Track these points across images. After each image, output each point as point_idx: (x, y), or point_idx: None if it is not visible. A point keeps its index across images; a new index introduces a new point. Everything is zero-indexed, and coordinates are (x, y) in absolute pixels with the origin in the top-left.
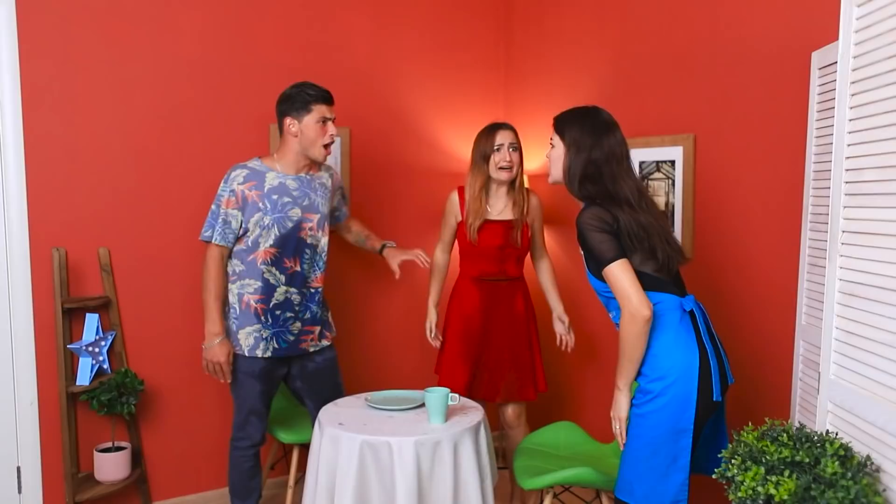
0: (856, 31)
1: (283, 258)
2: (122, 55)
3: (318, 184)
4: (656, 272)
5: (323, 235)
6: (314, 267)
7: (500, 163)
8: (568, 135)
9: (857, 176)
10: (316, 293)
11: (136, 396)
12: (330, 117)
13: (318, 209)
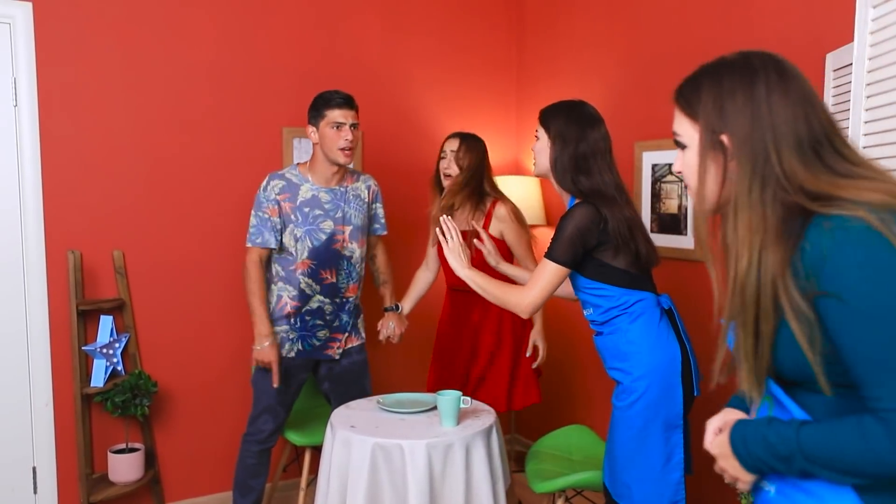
0: (871, 33)
1: (319, 270)
2: (136, 60)
3: (352, 195)
4: (638, 270)
5: (358, 247)
6: (349, 278)
7: (445, 170)
8: (553, 127)
9: None
10: (347, 302)
11: (149, 398)
12: (344, 122)
13: (352, 221)
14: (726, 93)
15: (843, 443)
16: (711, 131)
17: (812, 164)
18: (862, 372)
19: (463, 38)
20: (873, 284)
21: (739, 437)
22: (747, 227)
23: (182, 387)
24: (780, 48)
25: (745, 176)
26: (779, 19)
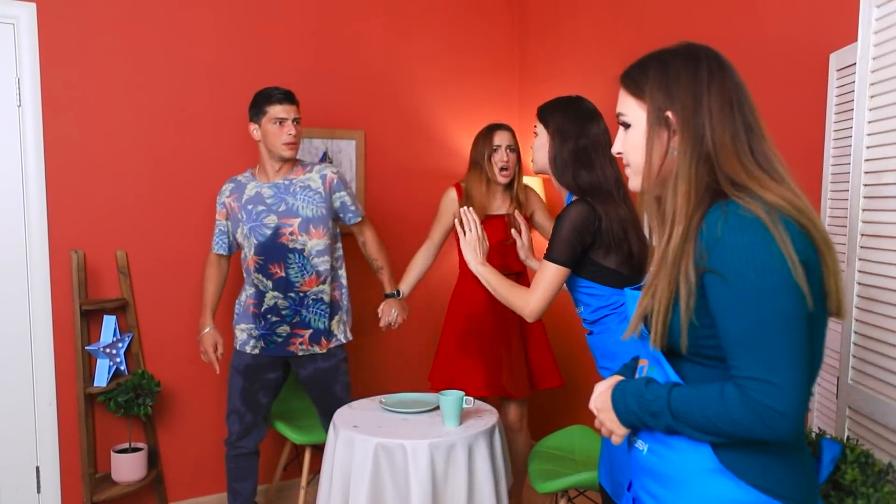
0: (875, 32)
1: (267, 265)
2: (140, 61)
3: (299, 187)
4: (630, 270)
5: (311, 238)
6: (303, 271)
7: (499, 163)
8: (552, 123)
9: (876, 179)
10: (306, 297)
11: (152, 398)
12: (286, 117)
13: (299, 213)
14: (672, 75)
15: (705, 404)
16: (658, 108)
17: (741, 148)
18: (729, 343)
19: (465, 39)
20: (751, 270)
21: (619, 393)
22: (685, 196)
23: (185, 386)
24: (783, 48)
25: (686, 150)
26: (782, 19)
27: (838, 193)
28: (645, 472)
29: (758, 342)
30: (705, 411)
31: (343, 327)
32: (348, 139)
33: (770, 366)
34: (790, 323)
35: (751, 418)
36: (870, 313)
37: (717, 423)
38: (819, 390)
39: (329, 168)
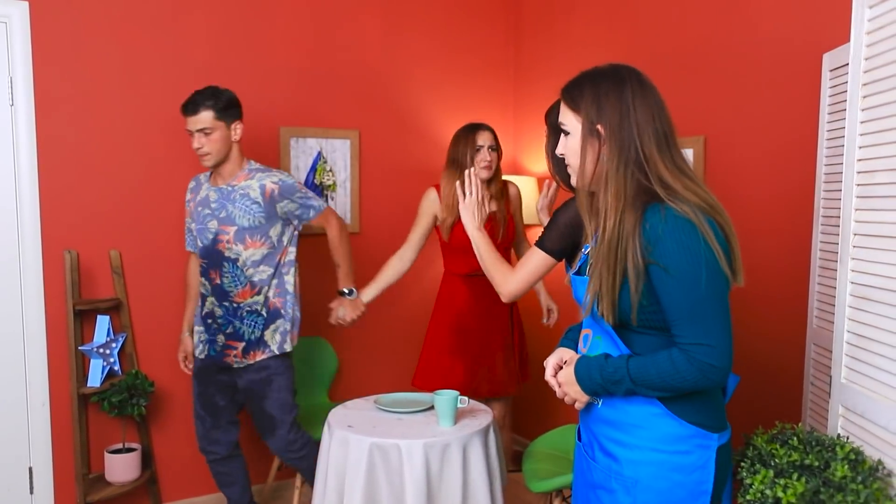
0: (867, 33)
1: (208, 269)
2: (132, 60)
3: (238, 195)
4: None
5: (246, 248)
6: (236, 281)
7: (482, 163)
8: (550, 121)
9: (868, 178)
10: (240, 308)
11: (146, 398)
12: (190, 129)
13: (236, 222)
14: (602, 94)
15: (659, 368)
16: (591, 122)
17: (665, 154)
18: (673, 318)
19: (460, 39)
20: (687, 262)
21: (584, 369)
22: (614, 195)
23: (179, 386)
24: (777, 48)
25: (613, 157)
26: (776, 20)
27: (831, 193)
28: (602, 421)
29: (696, 316)
30: (660, 374)
31: (281, 337)
32: (343, 139)
33: (706, 333)
34: (719, 299)
35: (695, 374)
36: (862, 312)
37: (670, 382)
38: (812, 389)
39: (271, 177)
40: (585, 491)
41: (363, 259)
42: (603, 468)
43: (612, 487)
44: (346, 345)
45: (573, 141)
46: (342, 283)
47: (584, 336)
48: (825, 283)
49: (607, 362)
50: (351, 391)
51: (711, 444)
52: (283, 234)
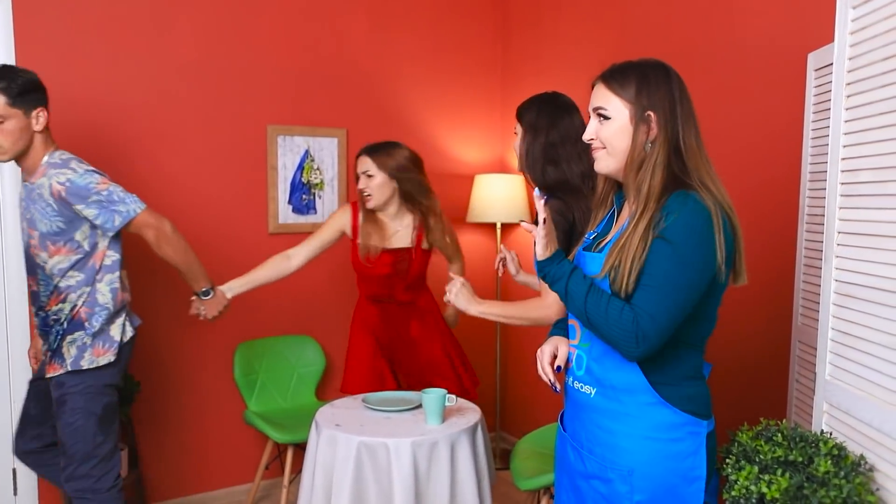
0: (851, 33)
1: (28, 275)
2: (118, 59)
3: (36, 194)
4: None
5: (51, 256)
6: (47, 289)
7: (362, 192)
8: (525, 119)
9: (852, 177)
10: (48, 317)
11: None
12: None
13: (36, 225)
14: (652, 82)
15: (601, 303)
16: (643, 107)
17: (701, 149)
18: (645, 283)
19: (448, 38)
20: (687, 242)
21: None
22: (660, 181)
23: (165, 387)
24: (762, 47)
25: (662, 145)
26: (761, 18)
27: (816, 192)
28: (593, 409)
29: (663, 289)
30: (597, 306)
31: (78, 352)
32: (330, 137)
33: (661, 308)
34: (689, 290)
35: (627, 335)
36: (847, 310)
37: (598, 319)
38: (797, 386)
39: (60, 175)
40: (576, 482)
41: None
42: (598, 458)
43: (609, 477)
44: (334, 344)
45: (614, 126)
46: (192, 286)
47: (570, 327)
48: (810, 281)
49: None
50: (338, 390)
51: (702, 430)
52: (94, 236)
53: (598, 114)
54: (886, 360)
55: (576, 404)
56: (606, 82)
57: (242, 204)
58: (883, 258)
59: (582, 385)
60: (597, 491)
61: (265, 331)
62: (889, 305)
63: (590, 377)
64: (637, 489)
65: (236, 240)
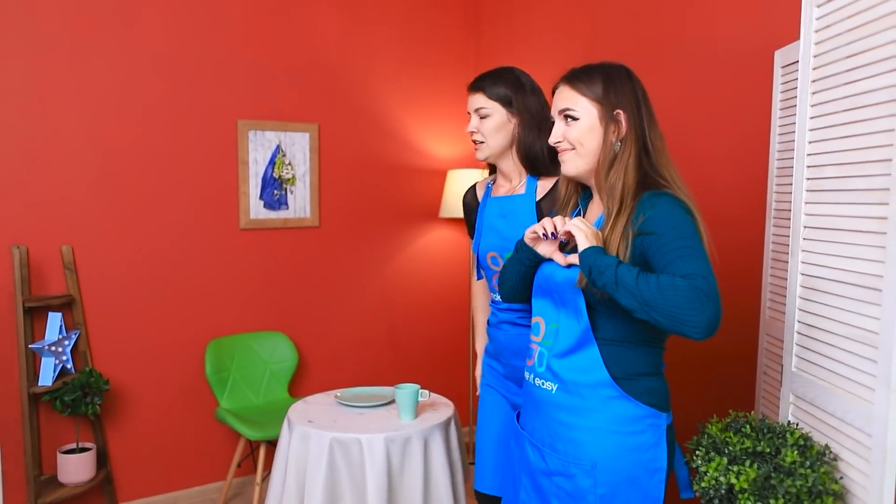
0: (816, 31)
1: None
2: (85, 49)
3: None
4: None
5: None
6: None
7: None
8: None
9: (817, 173)
10: None
11: (100, 396)
12: None
13: None
14: (616, 83)
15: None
16: (611, 107)
17: (664, 148)
18: (665, 262)
19: (420, 31)
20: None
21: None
22: (633, 179)
23: (135, 384)
24: (731, 43)
25: (631, 144)
26: (730, 16)
27: (783, 187)
28: (554, 406)
29: (687, 256)
30: (660, 288)
31: None
32: (302, 132)
33: (701, 268)
34: (705, 248)
35: (691, 296)
36: (812, 303)
37: (651, 296)
38: (765, 378)
39: None
40: (537, 481)
41: (323, 254)
42: (560, 454)
43: (571, 472)
44: (306, 339)
45: (583, 125)
46: None
47: (534, 324)
48: (777, 275)
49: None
50: (311, 386)
51: (662, 423)
52: None
53: (566, 115)
54: (850, 352)
55: (536, 401)
56: (571, 83)
57: (213, 199)
58: (846, 252)
59: (543, 381)
60: (560, 487)
61: (237, 327)
62: (852, 298)
63: (550, 374)
64: (600, 483)
65: (207, 235)
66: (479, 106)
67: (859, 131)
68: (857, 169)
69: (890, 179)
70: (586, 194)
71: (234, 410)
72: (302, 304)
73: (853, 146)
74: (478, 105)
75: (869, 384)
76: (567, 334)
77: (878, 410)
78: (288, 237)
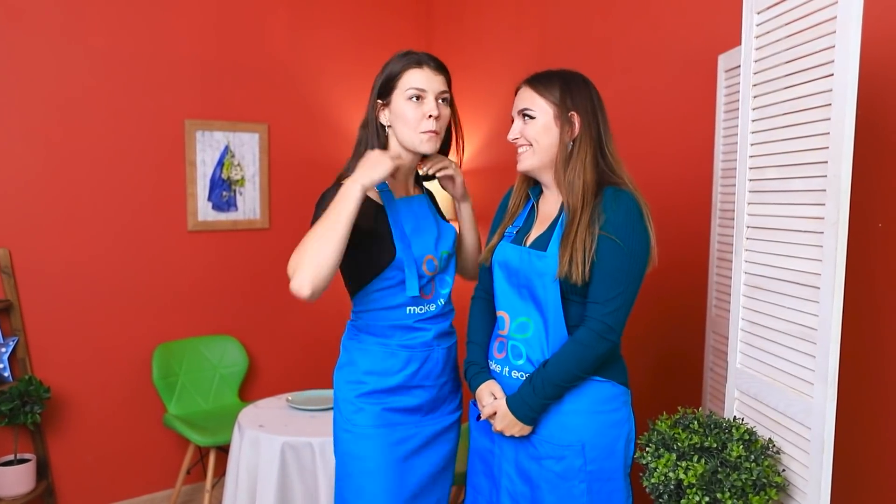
0: (756, 37)
1: None
2: (24, 46)
3: None
4: None
5: None
6: None
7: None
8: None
9: (759, 174)
10: None
11: (41, 405)
12: None
13: None
14: (573, 87)
15: (573, 355)
16: (567, 109)
17: (615, 151)
18: (598, 278)
19: (371, 31)
20: (630, 236)
21: (520, 406)
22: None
23: (78, 391)
24: (676, 47)
25: (587, 145)
26: (676, 20)
27: (727, 188)
28: None
29: (616, 280)
30: (577, 358)
31: None
32: (251, 132)
33: (616, 294)
34: (637, 275)
35: (596, 339)
36: (755, 301)
37: (585, 361)
38: (711, 374)
39: None
40: (523, 465)
41: (273, 256)
42: (547, 438)
43: (562, 455)
44: (257, 343)
45: (539, 124)
46: None
47: (499, 318)
48: (722, 274)
49: (532, 387)
50: (262, 390)
51: (629, 398)
52: None
53: (524, 114)
54: (791, 348)
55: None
56: (532, 85)
57: (159, 201)
58: (787, 251)
59: (522, 374)
60: (550, 470)
61: (185, 331)
62: (792, 296)
63: (531, 365)
64: (589, 460)
65: (153, 238)
66: None
67: (797, 134)
68: (796, 171)
69: (826, 181)
70: (536, 188)
71: (182, 416)
72: (252, 308)
73: (792, 149)
74: None
75: (808, 378)
76: (541, 326)
77: (816, 404)
78: (237, 239)
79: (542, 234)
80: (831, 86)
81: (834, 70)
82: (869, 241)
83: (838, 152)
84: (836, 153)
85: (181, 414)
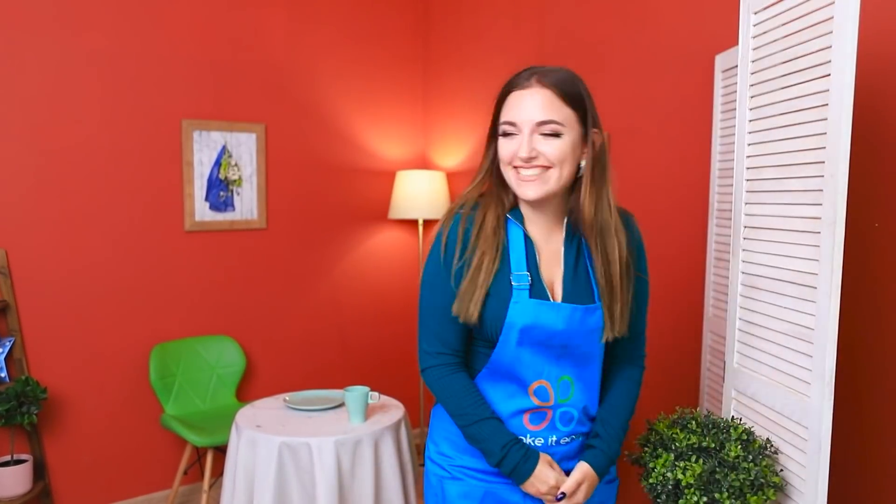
0: (753, 37)
1: None
2: (21, 45)
3: None
4: None
5: None
6: None
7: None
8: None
9: (756, 174)
10: None
11: (38, 405)
12: None
13: None
14: (590, 98)
15: (631, 396)
16: (592, 126)
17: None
18: (637, 322)
19: (368, 30)
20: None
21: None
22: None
23: (75, 392)
24: (673, 48)
25: (606, 167)
26: (673, 20)
27: (724, 188)
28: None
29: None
30: (633, 399)
31: None
32: (248, 132)
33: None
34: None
35: (642, 372)
36: (752, 300)
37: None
38: (709, 374)
39: None
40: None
41: (270, 256)
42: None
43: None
44: (254, 343)
45: (565, 144)
46: None
47: (541, 388)
48: (720, 274)
49: (607, 443)
50: (260, 391)
51: None
52: None
53: (546, 128)
54: (787, 348)
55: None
56: (554, 89)
57: (156, 201)
58: (784, 251)
59: (574, 435)
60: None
61: (182, 331)
62: (789, 296)
63: (585, 423)
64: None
65: (150, 238)
66: None
67: (794, 134)
68: (793, 171)
69: (823, 181)
70: (516, 211)
71: (180, 417)
72: (249, 308)
73: (789, 149)
74: None
75: (805, 378)
76: (576, 378)
77: (813, 403)
78: (234, 239)
79: (568, 276)
80: (828, 86)
81: (831, 70)
82: (866, 240)
83: (835, 152)
84: (833, 153)
85: (178, 414)
